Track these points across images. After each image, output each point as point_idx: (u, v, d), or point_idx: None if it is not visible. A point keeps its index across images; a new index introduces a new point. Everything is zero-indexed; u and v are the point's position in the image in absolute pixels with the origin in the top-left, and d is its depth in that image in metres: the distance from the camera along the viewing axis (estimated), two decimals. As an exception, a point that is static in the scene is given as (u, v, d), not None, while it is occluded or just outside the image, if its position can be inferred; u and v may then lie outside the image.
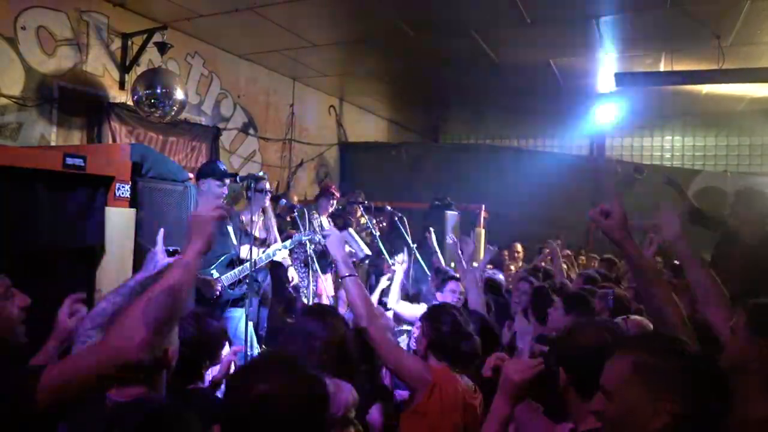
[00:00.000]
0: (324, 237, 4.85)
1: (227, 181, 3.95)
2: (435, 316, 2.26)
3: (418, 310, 4.18)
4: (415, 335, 2.45)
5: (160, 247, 2.05)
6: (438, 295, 3.89)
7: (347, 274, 2.14)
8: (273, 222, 4.88)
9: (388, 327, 2.24)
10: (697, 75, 6.40)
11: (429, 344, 2.19)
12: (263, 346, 4.84)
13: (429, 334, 2.20)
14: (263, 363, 1.31)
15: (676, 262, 5.42)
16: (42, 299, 1.74)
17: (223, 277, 3.76)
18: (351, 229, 5.50)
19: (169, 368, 1.65)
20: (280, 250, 4.16)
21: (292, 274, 4.78)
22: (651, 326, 2.80)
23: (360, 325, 2.07)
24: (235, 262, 3.86)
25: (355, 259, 5.53)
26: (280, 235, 5.11)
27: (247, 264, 3.71)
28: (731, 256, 3.74)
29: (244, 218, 4.25)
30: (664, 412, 1.11)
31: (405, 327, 3.74)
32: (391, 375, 2.49)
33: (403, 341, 3.58)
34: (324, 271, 5.12)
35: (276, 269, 4.74)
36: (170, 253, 2.08)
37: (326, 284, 5.22)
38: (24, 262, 2.25)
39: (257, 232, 4.62)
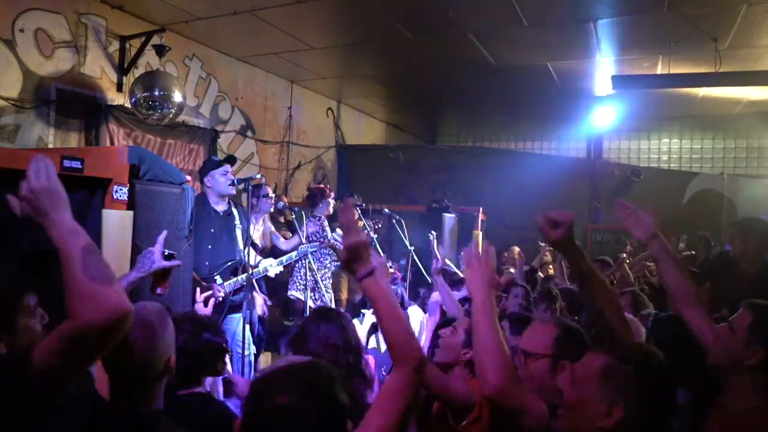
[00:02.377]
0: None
1: (229, 166, 3.95)
2: None
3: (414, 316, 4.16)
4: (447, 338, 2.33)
5: (158, 247, 2.03)
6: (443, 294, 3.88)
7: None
8: (271, 231, 4.87)
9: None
10: (694, 78, 6.43)
11: None
12: (263, 349, 4.84)
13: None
14: (286, 373, 1.25)
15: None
16: (38, 301, 1.73)
17: (226, 283, 3.76)
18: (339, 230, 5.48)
19: (170, 377, 1.63)
20: (273, 266, 4.15)
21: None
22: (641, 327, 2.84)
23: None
24: (239, 269, 3.85)
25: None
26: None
27: (251, 272, 3.72)
28: (732, 286, 3.74)
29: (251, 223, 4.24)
30: (615, 415, 1.27)
31: None
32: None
33: None
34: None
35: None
36: (167, 257, 2.05)
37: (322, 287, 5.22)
38: (20, 264, 2.25)
39: (258, 240, 4.61)
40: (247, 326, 3.76)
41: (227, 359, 2.42)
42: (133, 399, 1.54)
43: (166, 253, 2.04)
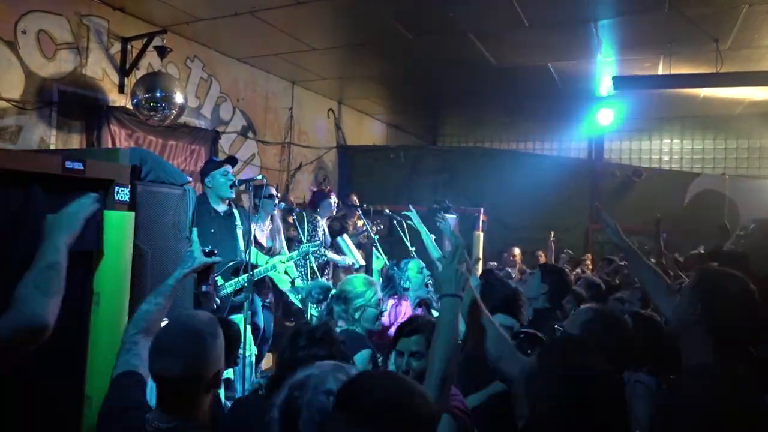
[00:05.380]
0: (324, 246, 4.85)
1: (230, 167, 3.96)
2: None
3: None
4: None
5: (197, 245, 2.10)
6: None
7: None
8: (281, 230, 4.86)
9: None
10: (695, 78, 6.42)
11: None
12: (269, 351, 4.85)
13: None
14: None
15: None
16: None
17: (227, 284, 3.76)
18: (346, 236, 5.49)
19: (215, 390, 1.63)
20: (284, 262, 4.14)
21: (293, 272, 4.71)
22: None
23: None
24: (240, 269, 3.85)
25: (351, 265, 5.54)
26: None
27: (253, 272, 3.72)
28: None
29: (253, 224, 4.24)
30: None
31: None
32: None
33: None
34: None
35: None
36: (206, 253, 2.10)
37: None
38: (22, 266, 2.25)
39: (264, 240, 4.61)
40: (248, 327, 3.76)
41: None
42: (177, 410, 1.52)
43: (206, 250, 2.11)
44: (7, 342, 1.39)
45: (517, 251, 7.30)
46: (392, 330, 2.71)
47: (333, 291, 2.98)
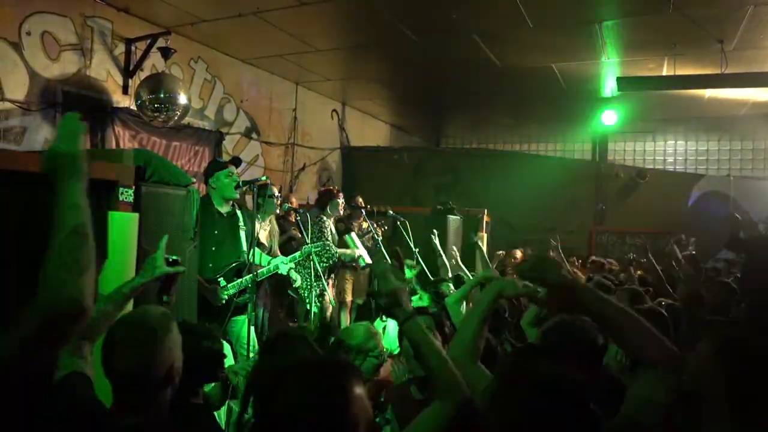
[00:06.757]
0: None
1: (234, 168, 3.96)
2: None
3: None
4: None
5: (162, 253, 2.02)
6: None
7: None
8: (276, 232, 4.86)
9: None
10: (699, 79, 6.40)
11: None
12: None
13: None
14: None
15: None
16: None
17: (230, 285, 3.76)
18: (353, 234, 5.49)
19: (173, 385, 1.59)
20: (285, 263, 4.14)
21: (295, 276, 4.72)
22: None
23: None
24: (243, 270, 3.85)
25: (357, 262, 5.54)
26: (280, 235, 5.11)
27: (256, 273, 3.72)
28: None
29: (257, 224, 4.24)
30: None
31: None
32: None
33: None
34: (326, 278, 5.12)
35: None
36: (171, 263, 2.04)
37: (328, 290, 5.22)
38: (26, 267, 2.25)
39: (265, 240, 4.61)
40: (252, 328, 3.75)
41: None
42: (133, 407, 1.51)
43: (170, 259, 2.02)
44: (41, 334, 1.12)
45: (518, 254, 7.17)
46: None
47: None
